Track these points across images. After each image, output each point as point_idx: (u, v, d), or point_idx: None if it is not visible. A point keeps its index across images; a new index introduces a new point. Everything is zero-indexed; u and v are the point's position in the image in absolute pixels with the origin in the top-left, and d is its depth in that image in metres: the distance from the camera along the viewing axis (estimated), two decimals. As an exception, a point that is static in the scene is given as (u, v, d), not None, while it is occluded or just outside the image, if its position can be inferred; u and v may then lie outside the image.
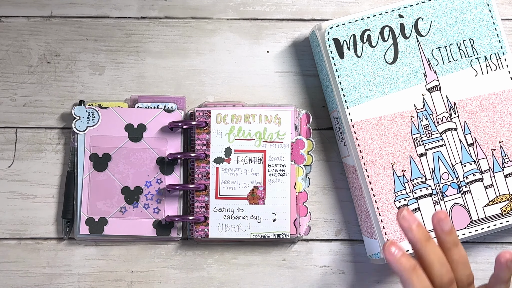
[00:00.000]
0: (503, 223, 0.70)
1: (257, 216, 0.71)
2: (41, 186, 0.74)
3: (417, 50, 0.71)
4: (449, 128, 0.71)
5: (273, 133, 0.72)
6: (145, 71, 0.75)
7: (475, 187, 0.70)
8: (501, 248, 0.74)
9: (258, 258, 0.74)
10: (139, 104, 0.73)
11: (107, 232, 0.71)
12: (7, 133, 0.74)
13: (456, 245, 0.62)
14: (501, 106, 0.71)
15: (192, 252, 0.74)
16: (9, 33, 0.75)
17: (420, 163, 0.70)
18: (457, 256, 0.62)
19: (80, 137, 0.72)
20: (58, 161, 0.74)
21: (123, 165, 0.72)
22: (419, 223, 0.61)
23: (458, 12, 0.71)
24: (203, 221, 0.71)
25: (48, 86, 0.74)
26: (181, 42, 0.75)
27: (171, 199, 0.72)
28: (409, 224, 0.61)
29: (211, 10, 0.76)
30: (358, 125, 0.70)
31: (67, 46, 0.75)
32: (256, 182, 0.72)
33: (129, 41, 0.75)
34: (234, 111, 0.72)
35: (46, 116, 0.74)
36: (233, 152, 0.72)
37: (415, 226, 0.60)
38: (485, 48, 0.71)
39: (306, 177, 0.73)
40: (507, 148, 0.70)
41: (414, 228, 0.60)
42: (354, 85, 0.70)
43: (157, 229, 0.72)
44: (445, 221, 0.61)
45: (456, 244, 0.62)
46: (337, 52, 0.71)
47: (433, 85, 0.71)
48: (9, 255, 0.73)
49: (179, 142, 0.73)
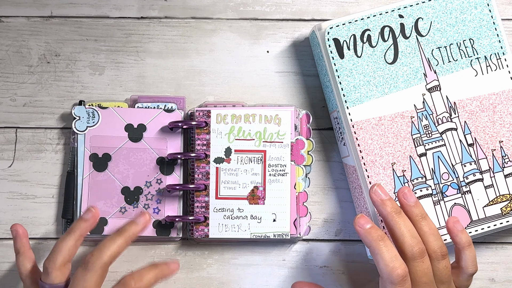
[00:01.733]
0: (503, 223, 0.70)
1: (257, 216, 0.71)
2: (41, 186, 0.74)
3: (417, 50, 0.71)
4: (449, 128, 0.71)
5: (273, 133, 0.72)
6: (145, 71, 0.75)
7: (475, 187, 0.70)
8: (501, 248, 0.74)
9: (258, 258, 0.74)
10: (139, 104, 0.73)
11: (107, 232, 0.71)
12: (7, 133, 0.74)
13: (425, 218, 0.64)
14: (501, 106, 0.71)
15: (192, 252, 0.74)
16: (9, 33, 0.75)
17: (420, 163, 0.70)
18: (427, 228, 0.63)
19: (80, 137, 0.72)
20: (58, 161, 0.74)
21: (123, 165, 0.72)
22: (390, 198, 0.64)
23: (458, 12, 0.71)
24: (203, 221, 0.71)
25: (48, 86, 0.74)
26: (181, 42, 0.75)
27: (171, 199, 0.72)
28: (380, 198, 0.64)
29: (211, 10, 0.76)
30: (358, 125, 0.70)
31: (67, 46, 0.75)
32: (256, 182, 0.72)
33: (129, 41, 0.75)
34: (234, 111, 0.72)
35: (46, 116, 0.74)
36: (233, 152, 0.72)
37: (387, 200, 0.63)
38: (485, 48, 0.71)
39: (306, 177, 0.73)
40: (507, 148, 0.70)
41: (386, 201, 0.63)
42: (354, 85, 0.70)
43: (157, 229, 0.72)
44: (409, 194, 0.65)
45: (424, 216, 0.64)
46: (337, 52, 0.71)
47: (433, 85, 0.71)
48: (9, 255, 0.73)
49: (179, 142, 0.73)
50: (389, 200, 0.64)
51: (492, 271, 0.74)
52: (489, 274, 0.74)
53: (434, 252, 0.63)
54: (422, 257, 0.61)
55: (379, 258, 0.61)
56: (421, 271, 0.61)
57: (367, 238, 0.62)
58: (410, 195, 0.65)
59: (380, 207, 0.63)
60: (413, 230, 0.63)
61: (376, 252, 0.61)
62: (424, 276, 0.61)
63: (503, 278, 0.74)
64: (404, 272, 0.60)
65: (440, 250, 0.63)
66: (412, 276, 0.62)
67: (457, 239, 0.65)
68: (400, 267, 0.60)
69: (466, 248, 0.65)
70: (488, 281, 0.74)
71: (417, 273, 0.61)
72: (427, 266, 0.62)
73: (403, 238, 0.62)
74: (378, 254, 0.61)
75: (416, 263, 0.61)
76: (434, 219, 0.69)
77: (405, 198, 0.65)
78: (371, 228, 0.62)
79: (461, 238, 0.65)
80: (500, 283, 0.74)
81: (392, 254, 0.61)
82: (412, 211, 0.64)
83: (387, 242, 0.61)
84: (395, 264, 0.60)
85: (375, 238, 0.61)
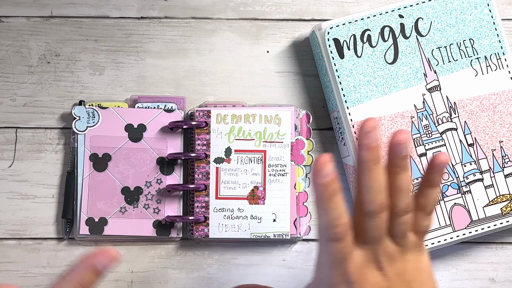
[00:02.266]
0: (503, 223, 0.70)
1: (257, 216, 0.71)
2: (41, 186, 0.74)
3: (417, 50, 0.71)
4: (449, 128, 0.71)
5: (273, 133, 0.72)
6: (145, 71, 0.75)
7: (475, 187, 0.70)
8: (501, 248, 0.74)
9: (258, 258, 0.74)
10: (139, 104, 0.73)
11: (107, 232, 0.71)
12: (7, 133, 0.74)
13: (406, 171, 0.57)
14: (501, 106, 0.71)
15: (192, 252, 0.74)
16: (9, 33, 0.75)
17: (420, 163, 0.70)
18: (402, 182, 0.56)
19: (80, 137, 0.72)
20: (58, 161, 0.74)
21: (123, 165, 0.72)
22: (378, 145, 0.55)
23: (458, 12, 0.71)
24: (203, 221, 0.71)
25: (48, 86, 0.74)
26: (181, 42, 0.75)
27: (171, 199, 0.72)
28: (368, 143, 0.55)
29: (211, 10, 0.76)
30: (358, 125, 0.70)
31: (67, 46, 0.75)
32: (256, 182, 0.72)
33: (129, 41, 0.75)
34: (234, 111, 0.72)
35: (46, 116, 0.74)
36: (233, 152, 0.72)
37: (374, 147, 0.55)
38: (485, 48, 0.71)
39: (306, 177, 0.73)
40: (507, 148, 0.70)
41: (372, 148, 0.55)
42: (354, 85, 0.70)
43: (157, 229, 0.72)
44: (404, 145, 0.56)
45: (405, 169, 0.57)
46: (337, 52, 0.71)
47: (433, 85, 0.71)
48: (9, 255, 0.73)
49: (179, 142, 0.73)
50: (376, 147, 0.55)
51: (492, 271, 0.74)
52: (489, 274, 0.74)
53: (399, 209, 0.57)
54: (380, 213, 0.56)
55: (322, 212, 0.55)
56: (373, 226, 0.56)
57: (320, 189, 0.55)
58: (405, 146, 0.56)
59: (362, 151, 0.56)
60: (381, 186, 0.56)
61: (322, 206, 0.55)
62: (376, 231, 0.56)
63: (503, 278, 0.74)
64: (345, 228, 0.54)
65: (405, 208, 0.57)
66: (362, 229, 0.57)
67: (432, 177, 0.58)
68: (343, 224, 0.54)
69: (434, 187, 0.58)
70: (488, 281, 0.74)
71: (368, 228, 0.56)
72: (382, 221, 0.56)
73: (367, 192, 0.56)
74: (324, 208, 0.55)
75: (371, 219, 0.56)
76: (434, 219, 0.69)
77: (398, 147, 0.56)
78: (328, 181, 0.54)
79: (435, 177, 0.58)
80: (500, 283, 0.74)
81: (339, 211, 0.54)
82: (397, 162, 0.57)
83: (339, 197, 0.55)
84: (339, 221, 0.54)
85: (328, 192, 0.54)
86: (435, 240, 0.69)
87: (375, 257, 0.56)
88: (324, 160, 0.54)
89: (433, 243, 0.69)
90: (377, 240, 0.57)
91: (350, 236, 0.55)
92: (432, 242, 0.69)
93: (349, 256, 0.56)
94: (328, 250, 0.56)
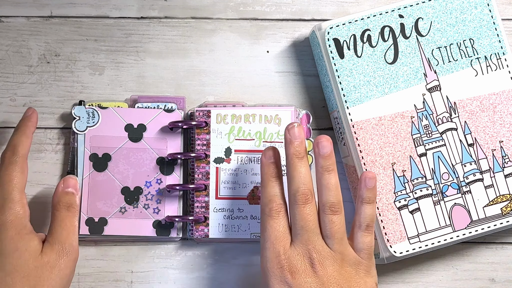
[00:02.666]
0: (503, 223, 0.70)
1: (257, 216, 0.71)
2: (41, 186, 0.74)
3: (417, 50, 0.71)
4: (449, 128, 0.71)
5: (273, 133, 0.72)
6: (145, 71, 0.75)
7: (475, 187, 0.70)
8: (501, 248, 0.74)
9: (258, 258, 0.74)
10: (139, 104, 0.73)
11: (107, 232, 0.71)
12: (7, 133, 0.74)
13: (329, 172, 0.63)
14: (501, 106, 0.71)
15: (192, 252, 0.74)
16: (9, 33, 0.75)
17: (420, 163, 0.70)
18: (326, 182, 0.63)
19: (80, 137, 0.72)
20: (58, 161, 0.74)
21: (123, 165, 0.72)
22: (302, 142, 0.64)
23: (458, 12, 0.71)
24: (203, 221, 0.71)
25: (48, 86, 0.74)
26: (181, 42, 0.75)
27: (171, 199, 0.72)
28: (292, 138, 0.64)
29: (211, 10, 0.76)
30: (358, 125, 0.70)
31: (67, 46, 0.75)
32: (256, 182, 0.72)
33: (129, 41, 0.75)
34: (234, 111, 0.72)
35: (46, 116, 0.74)
36: (233, 152, 0.72)
37: (298, 143, 0.63)
38: (485, 48, 0.71)
39: (306, 177, 0.73)
40: (507, 148, 0.70)
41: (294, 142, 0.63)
42: (354, 85, 0.70)
43: (157, 229, 0.72)
44: (324, 144, 0.64)
45: (329, 170, 0.64)
46: (337, 52, 0.71)
47: (433, 85, 0.71)
48: (9, 255, 0.73)
49: (179, 142, 0.73)
50: (300, 143, 0.63)
51: (492, 271, 0.74)
52: (489, 274, 0.74)
53: (323, 205, 0.63)
54: (305, 203, 0.62)
55: (263, 190, 0.64)
56: (300, 215, 0.62)
57: (263, 170, 0.64)
58: (325, 145, 0.63)
59: (288, 146, 0.64)
60: (306, 177, 0.63)
61: (263, 185, 0.64)
62: (302, 221, 0.62)
63: (503, 278, 0.74)
64: (278, 206, 0.63)
65: (329, 204, 0.63)
66: (292, 219, 0.63)
67: (360, 193, 0.65)
68: (276, 202, 0.63)
69: (367, 204, 0.64)
70: (488, 281, 0.74)
71: (295, 216, 0.62)
72: (309, 213, 0.62)
73: (292, 181, 0.63)
74: (264, 187, 0.64)
75: (297, 207, 0.62)
76: (434, 219, 0.69)
77: (318, 147, 0.64)
78: (272, 163, 0.64)
79: (363, 193, 0.64)
80: (500, 283, 0.74)
81: (275, 190, 0.63)
82: (319, 162, 0.64)
83: (278, 182, 0.64)
84: (274, 198, 0.63)
85: (269, 173, 0.64)
86: (435, 240, 0.69)
87: (308, 251, 0.62)
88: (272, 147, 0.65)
89: (433, 243, 0.69)
90: (305, 232, 0.62)
91: (285, 218, 0.63)
92: (432, 242, 0.69)
93: (282, 238, 0.62)
94: (264, 226, 0.63)
